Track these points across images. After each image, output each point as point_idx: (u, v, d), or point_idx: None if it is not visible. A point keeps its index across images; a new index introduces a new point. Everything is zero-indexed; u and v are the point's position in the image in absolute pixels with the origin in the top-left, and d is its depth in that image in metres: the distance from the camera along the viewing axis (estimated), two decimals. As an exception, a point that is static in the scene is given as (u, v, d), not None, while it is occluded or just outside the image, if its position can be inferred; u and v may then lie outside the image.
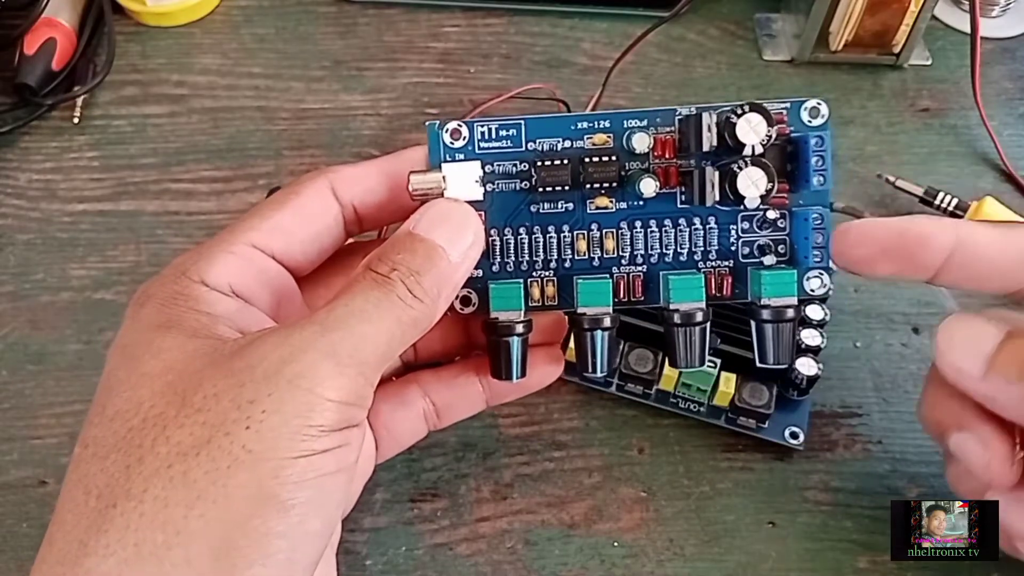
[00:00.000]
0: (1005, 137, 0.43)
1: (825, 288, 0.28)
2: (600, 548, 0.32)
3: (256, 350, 0.22)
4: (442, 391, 0.30)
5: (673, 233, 0.29)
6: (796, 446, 0.33)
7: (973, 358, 0.26)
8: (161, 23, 0.48)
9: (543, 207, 0.29)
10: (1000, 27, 0.48)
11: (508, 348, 0.28)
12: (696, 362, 0.27)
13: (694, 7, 0.48)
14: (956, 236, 0.27)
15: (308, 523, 0.22)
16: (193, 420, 0.22)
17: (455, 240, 0.26)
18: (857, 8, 0.43)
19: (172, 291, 0.25)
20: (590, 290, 0.28)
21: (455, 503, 0.33)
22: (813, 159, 0.27)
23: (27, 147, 0.44)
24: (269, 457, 0.21)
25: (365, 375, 0.23)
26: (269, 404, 0.21)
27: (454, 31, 0.48)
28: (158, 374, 0.23)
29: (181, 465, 0.21)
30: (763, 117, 0.26)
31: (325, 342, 0.22)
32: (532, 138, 0.29)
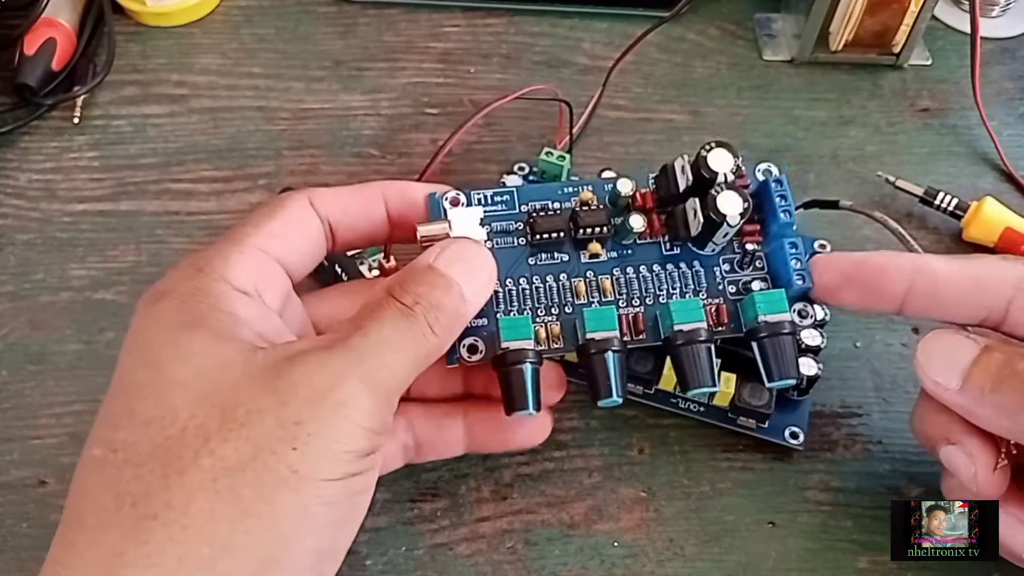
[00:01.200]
0: (1005, 137, 0.43)
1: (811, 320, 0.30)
2: (600, 548, 0.32)
3: (297, 370, 0.23)
4: (427, 428, 0.30)
5: (664, 275, 0.31)
6: (796, 446, 0.33)
7: (950, 371, 0.27)
8: (161, 23, 0.48)
9: (540, 258, 0.31)
10: (1000, 27, 0.48)
11: (521, 376, 0.28)
12: (707, 381, 0.29)
13: (694, 7, 0.48)
14: (913, 267, 0.28)
15: (339, 541, 0.23)
16: (237, 435, 0.22)
17: (471, 278, 0.27)
18: (857, 8, 0.43)
19: (192, 287, 0.25)
20: (596, 316, 0.29)
21: (455, 503, 0.33)
22: (776, 198, 0.31)
23: (27, 147, 0.44)
24: (312, 478, 0.22)
25: (390, 403, 0.24)
26: (314, 428, 0.22)
27: (454, 31, 0.48)
28: (190, 382, 0.23)
29: (227, 480, 0.21)
30: (728, 151, 0.30)
31: (362, 370, 0.23)
32: (524, 201, 0.32)
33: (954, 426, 0.28)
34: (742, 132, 0.44)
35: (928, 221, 0.41)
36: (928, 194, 0.40)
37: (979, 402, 0.27)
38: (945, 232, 0.40)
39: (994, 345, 0.27)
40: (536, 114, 0.43)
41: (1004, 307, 0.28)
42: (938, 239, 0.40)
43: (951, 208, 0.40)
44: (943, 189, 0.40)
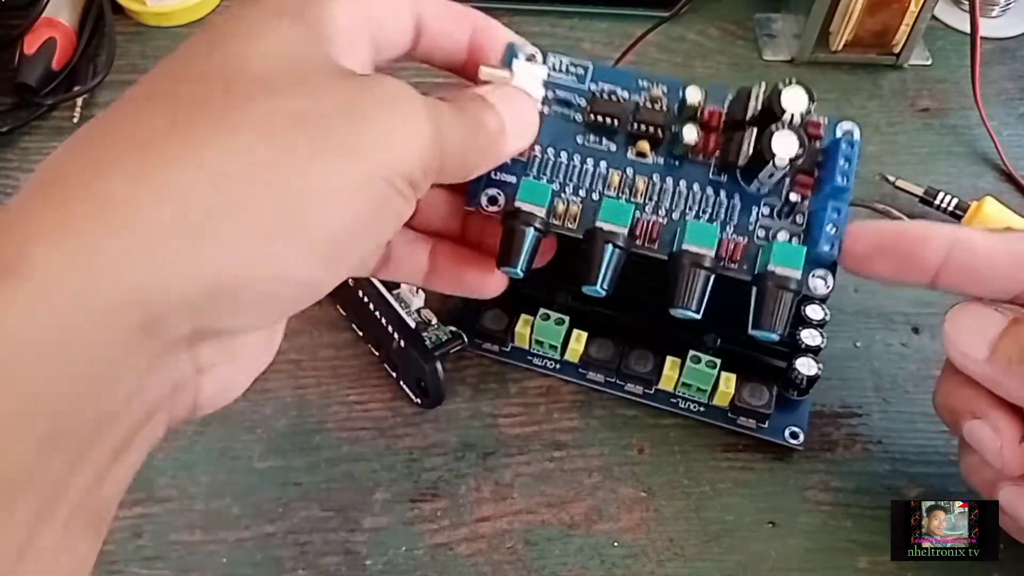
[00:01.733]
0: (1005, 137, 0.43)
1: (828, 289, 0.29)
2: (600, 548, 0.32)
3: (372, 78, 0.24)
4: (401, 243, 0.30)
5: (700, 196, 0.30)
6: (796, 446, 0.33)
7: (978, 342, 0.27)
8: (161, 23, 0.48)
9: (589, 139, 0.31)
10: (1000, 27, 0.48)
11: (523, 237, 0.29)
12: (693, 305, 0.28)
13: (694, 7, 0.48)
14: (953, 237, 0.27)
15: (360, 236, 0.23)
16: (306, 96, 0.22)
17: (515, 119, 0.28)
18: (857, 8, 0.43)
19: (301, 3, 0.25)
20: (613, 208, 0.29)
21: (455, 503, 0.33)
22: (841, 160, 0.29)
23: (27, 147, 0.44)
24: (363, 161, 0.22)
25: (438, 164, 0.24)
26: (380, 122, 0.22)
27: (454, 31, 0.48)
28: (275, 56, 0.22)
29: (286, 122, 0.21)
30: (806, 92, 0.29)
31: (436, 114, 0.24)
32: (597, 80, 0.31)
33: (980, 400, 0.28)
34: (742, 132, 0.44)
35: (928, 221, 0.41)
36: (928, 194, 0.40)
37: (1007, 372, 0.27)
38: (945, 232, 0.40)
39: (1023, 318, 0.27)
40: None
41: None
42: (938, 239, 0.40)
43: (951, 208, 0.40)
44: (943, 189, 0.40)
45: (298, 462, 0.34)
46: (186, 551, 0.32)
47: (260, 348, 0.25)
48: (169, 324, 0.20)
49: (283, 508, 0.33)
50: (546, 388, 0.36)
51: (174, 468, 0.34)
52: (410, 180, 0.23)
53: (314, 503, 0.33)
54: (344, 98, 0.22)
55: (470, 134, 0.26)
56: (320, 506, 0.33)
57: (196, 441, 0.34)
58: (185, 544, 0.32)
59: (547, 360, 0.35)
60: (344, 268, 0.23)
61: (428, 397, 0.35)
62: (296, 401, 0.36)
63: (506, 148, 0.28)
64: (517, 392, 0.36)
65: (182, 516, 0.33)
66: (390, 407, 0.35)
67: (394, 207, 0.23)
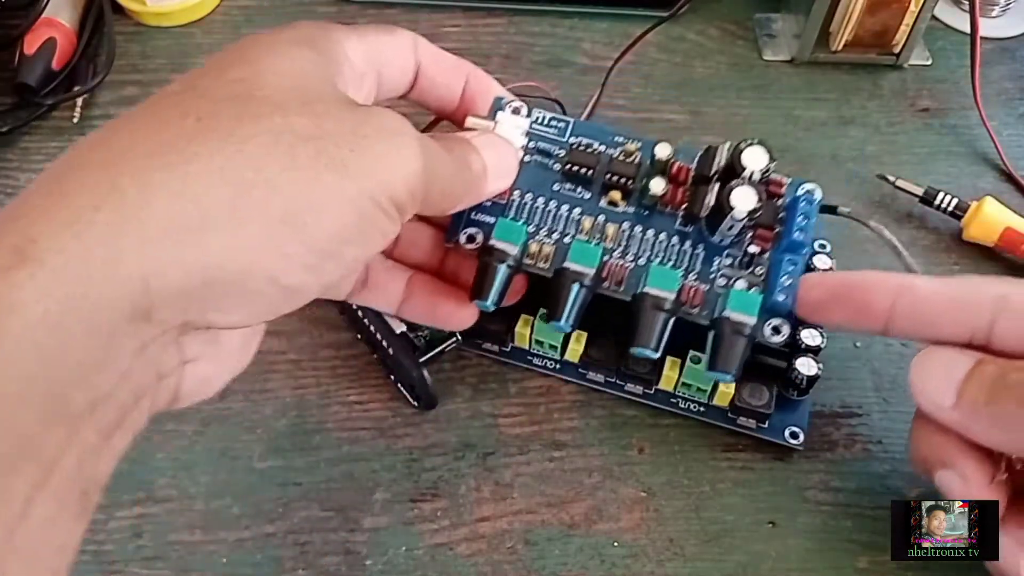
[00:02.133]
0: (1005, 137, 0.43)
1: (783, 338, 0.31)
2: (600, 548, 0.32)
3: (374, 109, 0.26)
4: (378, 271, 0.32)
5: (667, 244, 0.32)
6: (796, 446, 0.33)
7: (945, 387, 0.28)
8: (161, 23, 0.48)
9: (565, 187, 0.33)
10: (1000, 27, 0.48)
11: (495, 273, 0.31)
12: (652, 344, 0.30)
13: (694, 7, 0.48)
14: (897, 286, 0.29)
15: (347, 249, 0.24)
16: (311, 119, 0.23)
17: (496, 164, 0.30)
18: (857, 8, 0.43)
19: (318, 32, 0.27)
20: (581, 250, 0.31)
21: (455, 503, 0.33)
22: (799, 217, 0.32)
23: (27, 147, 0.44)
24: (357, 181, 0.24)
25: (424, 192, 0.26)
26: (376, 148, 0.24)
27: (454, 31, 0.48)
28: (290, 74, 0.25)
29: (291, 139, 0.23)
30: (765, 152, 0.31)
31: (426, 148, 0.26)
32: (576, 134, 0.34)
33: (949, 448, 0.28)
34: (742, 132, 0.43)
35: (928, 221, 0.41)
36: (928, 194, 0.40)
37: (974, 416, 0.27)
38: (945, 232, 0.40)
39: (988, 359, 0.27)
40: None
41: (987, 327, 0.27)
42: (938, 239, 0.40)
43: (951, 208, 0.39)
44: (943, 189, 0.40)
45: (298, 462, 0.34)
46: (186, 551, 0.32)
47: (239, 348, 0.26)
48: (163, 313, 0.21)
49: (283, 508, 0.33)
50: (546, 388, 0.36)
51: (174, 468, 0.34)
52: (397, 203, 0.25)
53: (314, 503, 0.33)
54: (345, 123, 0.24)
55: (456, 171, 0.28)
56: (320, 506, 0.33)
57: (196, 441, 0.34)
58: (185, 544, 0.32)
59: (547, 360, 0.35)
60: (328, 277, 0.25)
61: (421, 402, 0.35)
62: (296, 401, 0.36)
63: (486, 188, 0.30)
64: (517, 392, 0.36)
65: (182, 516, 0.33)
66: (390, 407, 0.35)
67: (380, 225, 0.25)
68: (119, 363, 0.20)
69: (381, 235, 0.25)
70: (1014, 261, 0.39)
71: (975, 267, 0.39)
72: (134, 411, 0.22)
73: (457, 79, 0.33)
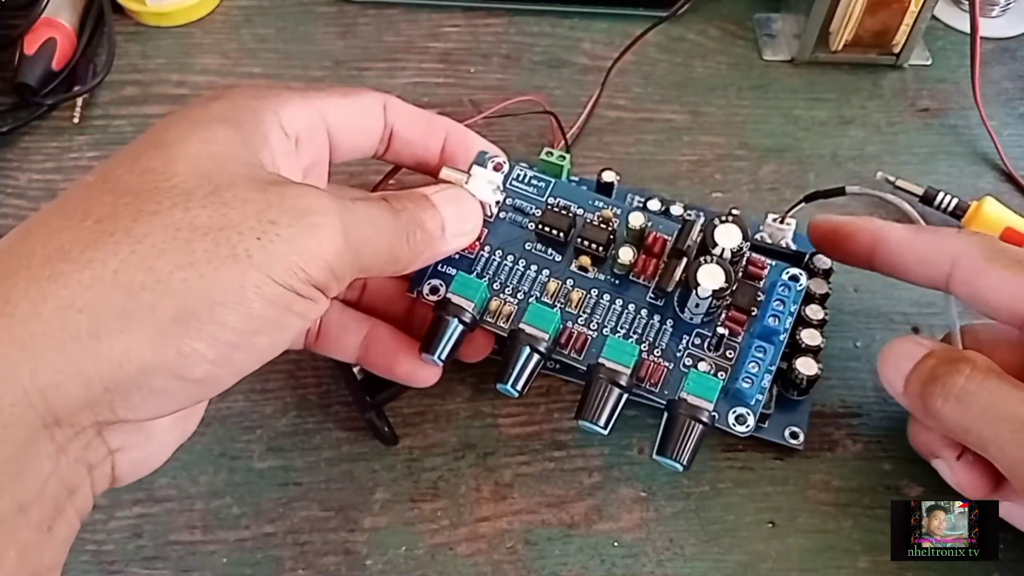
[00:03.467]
0: (1005, 137, 0.43)
1: (748, 429, 0.30)
2: (600, 548, 0.32)
3: (291, 188, 0.25)
4: (334, 321, 0.32)
5: (634, 317, 0.32)
6: (796, 446, 0.33)
7: (896, 376, 0.30)
8: (161, 23, 0.48)
9: (537, 248, 0.33)
10: (1000, 27, 0.48)
11: (446, 327, 0.30)
12: (601, 421, 0.29)
13: (694, 7, 0.48)
14: (873, 236, 0.31)
15: (259, 338, 0.24)
16: (215, 208, 0.23)
17: (456, 221, 0.30)
18: (857, 8, 0.43)
19: (248, 103, 0.27)
20: (538, 313, 0.30)
21: (455, 503, 0.33)
22: (774, 301, 0.31)
23: (27, 147, 0.44)
24: (262, 270, 0.23)
25: (353, 265, 0.26)
26: (284, 232, 0.24)
27: (454, 31, 0.48)
28: (199, 158, 0.24)
29: (188, 234, 0.23)
30: (739, 230, 0.30)
31: (346, 219, 0.25)
32: (555, 195, 0.34)
33: (934, 438, 0.30)
34: (742, 132, 0.44)
35: (928, 221, 0.40)
36: (928, 194, 0.40)
37: (915, 406, 0.29)
38: (945, 232, 0.40)
39: (936, 351, 0.29)
40: (536, 114, 0.43)
41: (944, 279, 0.30)
42: (938, 239, 0.40)
43: (951, 208, 0.40)
44: (943, 189, 0.40)
45: (298, 462, 0.34)
46: (186, 551, 0.32)
47: (173, 428, 0.26)
48: (72, 420, 0.21)
49: (283, 508, 0.33)
50: (546, 388, 0.36)
51: (174, 468, 0.34)
52: (316, 283, 0.24)
53: (314, 503, 0.33)
54: (253, 209, 0.24)
55: (399, 234, 0.28)
56: (320, 506, 0.33)
57: (196, 441, 0.34)
58: (185, 544, 0.32)
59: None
60: (244, 365, 0.24)
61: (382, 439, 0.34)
62: (296, 401, 0.36)
63: (445, 247, 0.30)
64: (517, 392, 0.36)
65: (182, 516, 0.33)
66: (389, 407, 0.35)
67: (296, 309, 0.24)
68: (39, 468, 0.21)
69: (299, 318, 0.25)
70: (1014, 261, 0.39)
71: (975, 267, 0.39)
72: (69, 503, 0.22)
73: (434, 137, 0.32)
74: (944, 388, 0.28)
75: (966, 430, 0.27)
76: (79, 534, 0.32)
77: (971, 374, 0.27)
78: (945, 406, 0.28)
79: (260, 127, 0.26)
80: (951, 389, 0.27)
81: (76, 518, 0.23)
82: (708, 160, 0.43)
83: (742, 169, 0.42)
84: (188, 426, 0.27)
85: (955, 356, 0.28)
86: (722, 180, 0.42)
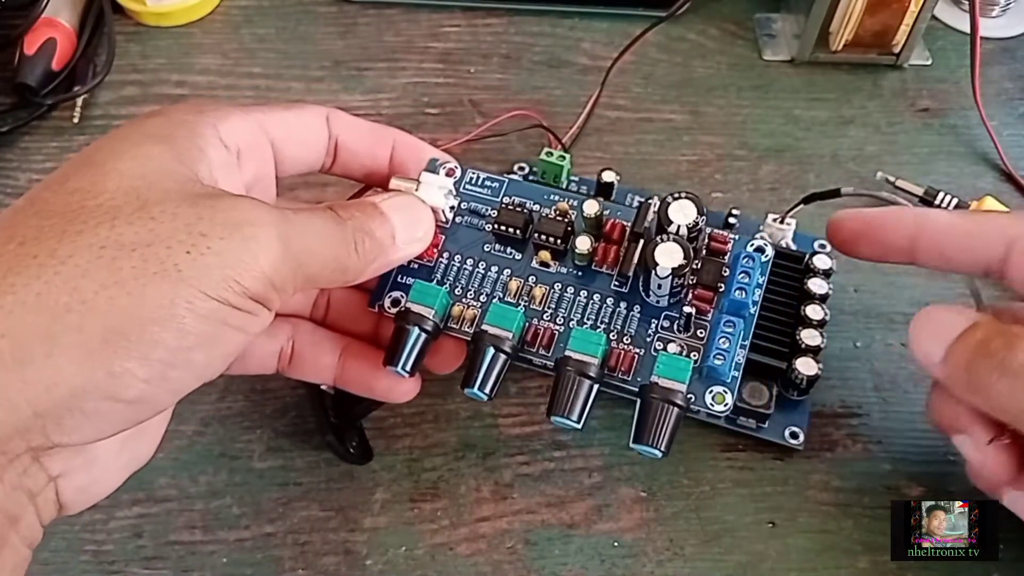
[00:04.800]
0: (1005, 137, 0.43)
1: (726, 407, 0.29)
2: (600, 548, 0.32)
3: (225, 200, 0.24)
4: (306, 343, 0.32)
5: (600, 307, 0.31)
6: (796, 446, 0.33)
7: (936, 344, 0.28)
8: (161, 23, 0.48)
9: (496, 248, 0.32)
10: (1000, 27, 0.48)
11: (407, 336, 0.30)
12: (573, 416, 0.29)
13: (694, 7, 0.48)
14: (915, 221, 0.29)
15: (194, 354, 0.23)
16: (143, 224, 0.23)
17: (407, 228, 0.29)
18: (857, 8, 0.43)
19: (184, 118, 0.27)
20: (500, 313, 0.30)
21: (455, 503, 0.33)
22: (739, 273, 0.30)
23: (27, 147, 0.44)
24: (192, 284, 0.23)
25: (295, 275, 0.25)
26: (215, 245, 0.23)
27: (454, 31, 0.48)
28: (129, 175, 0.24)
29: (114, 252, 0.22)
30: (694, 205, 0.30)
31: (284, 230, 0.25)
32: (509, 194, 0.33)
33: (962, 414, 0.28)
34: (742, 132, 0.44)
35: (928, 221, 0.41)
36: (928, 194, 0.40)
37: (955, 377, 0.27)
38: (945, 232, 0.40)
39: (983, 323, 0.27)
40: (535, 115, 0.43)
41: (999, 261, 0.28)
42: (938, 239, 0.40)
43: (951, 208, 0.40)
44: (943, 189, 0.40)
45: (298, 462, 0.34)
46: (186, 551, 0.32)
47: (123, 449, 0.26)
48: (3, 447, 0.21)
49: (283, 508, 0.33)
50: (546, 388, 0.36)
51: (174, 468, 0.34)
52: (255, 295, 0.24)
53: (314, 503, 0.33)
54: (183, 222, 0.23)
55: (344, 243, 0.27)
56: (320, 506, 0.33)
57: (196, 441, 0.35)
58: (185, 544, 0.32)
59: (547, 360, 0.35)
60: (181, 383, 0.24)
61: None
62: (296, 401, 0.36)
63: (396, 254, 0.29)
64: (517, 392, 0.36)
65: (182, 516, 0.33)
66: (389, 407, 0.35)
67: (234, 322, 0.24)
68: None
69: (239, 331, 0.24)
70: (1014, 261, 0.39)
71: (975, 267, 0.39)
72: (12, 532, 0.22)
73: (381, 147, 0.32)
74: (1002, 363, 0.26)
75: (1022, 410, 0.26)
76: (79, 534, 0.32)
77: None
78: (1001, 381, 0.26)
79: (196, 140, 0.26)
80: (1009, 364, 0.26)
81: (23, 546, 0.22)
82: (708, 160, 0.43)
83: (742, 169, 0.42)
84: (141, 449, 0.27)
85: (1009, 331, 0.26)
86: (722, 180, 0.42)
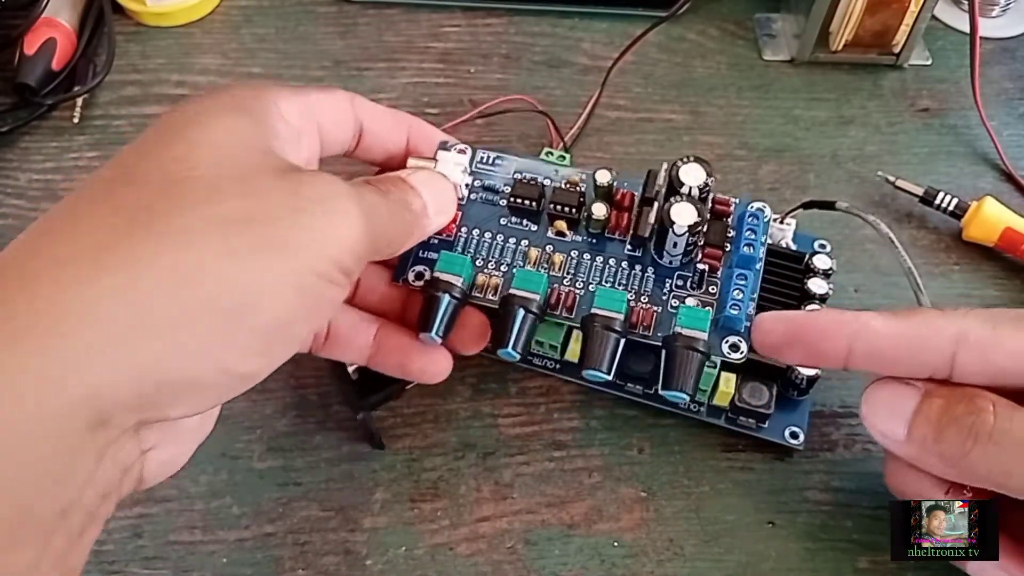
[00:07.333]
0: (1005, 137, 0.43)
1: (742, 355, 0.30)
2: (600, 548, 0.32)
3: (307, 175, 0.25)
4: (344, 322, 0.32)
5: (616, 270, 0.33)
6: (796, 446, 0.33)
7: (895, 421, 0.27)
8: (161, 23, 0.48)
9: (512, 221, 0.34)
10: (1000, 27, 0.48)
11: (438, 303, 0.31)
12: (604, 367, 0.30)
13: (694, 7, 0.48)
14: (852, 328, 0.27)
15: (298, 328, 0.24)
16: (245, 198, 0.23)
17: (436, 200, 0.30)
18: (857, 8, 0.43)
19: (251, 93, 0.27)
20: (525, 277, 0.31)
21: (455, 503, 0.33)
22: (746, 231, 0.32)
23: (27, 147, 0.44)
24: (301, 259, 0.23)
25: (369, 248, 0.26)
26: (310, 220, 0.24)
27: (454, 31, 0.48)
28: (223, 145, 0.24)
29: (227, 225, 0.22)
30: (703, 168, 0.32)
31: (365, 204, 0.26)
32: (519, 170, 0.35)
33: (923, 480, 0.28)
34: (742, 132, 0.44)
35: (928, 221, 0.41)
36: (928, 194, 0.40)
37: (925, 452, 0.27)
38: (945, 232, 0.40)
39: (935, 390, 0.27)
40: (536, 114, 0.43)
41: (948, 363, 0.27)
42: (938, 239, 0.40)
43: (951, 208, 0.40)
44: (943, 189, 0.40)
45: (298, 462, 0.34)
46: (186, 551, 0.32)
47: (199, 426, 0.26)
48: (118, 420, 0.21)
49: (283, 508, 0.33)
50: (546, 388, 0.36)
51: (174, 468, 0.34)
52: (342, 269, 0.25)
53: (314, 503, 0.33)
54: (281, 198, 0.24)
55: (395, 215, 0.28)
56: (320, 506, 0.33)
57: (196, 441, 0.34)
58: (185, 544, 0.32)
59: (547, 360, 0.35)
60: (280, 357, 0.24)
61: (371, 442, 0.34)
62: (296, 401, 0.36)
63: (429, 225, 0.30)
64: (517, 392, 0.36)
65: (182, 516, 0.33)
66: (389, 407, 0.35)
67: (327, 296, 0.25)
68: (83, 471, 0.21)
69: (330, 304, 0.25)
70: (1014, 261, 0.39)
71: (975, 267, 0.39)
72: (102, 507, 0.22)
73: (399, 132, 0.33)
74: (972, 430, 0.25)
75: (1006, 473, 0.25)
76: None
77: (999, 410, 0.25)
78: (975, 449, 0.25)
79: (268, 117, 0.27)
80: (981, 430, 0.25)
81: (100, 524, 0.23)
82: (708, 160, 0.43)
83: (742, 169, 0.42)
84: (207, 425, 0.27)
85: (965, 394, 0.26)
86: (722, 180, 0.42)
